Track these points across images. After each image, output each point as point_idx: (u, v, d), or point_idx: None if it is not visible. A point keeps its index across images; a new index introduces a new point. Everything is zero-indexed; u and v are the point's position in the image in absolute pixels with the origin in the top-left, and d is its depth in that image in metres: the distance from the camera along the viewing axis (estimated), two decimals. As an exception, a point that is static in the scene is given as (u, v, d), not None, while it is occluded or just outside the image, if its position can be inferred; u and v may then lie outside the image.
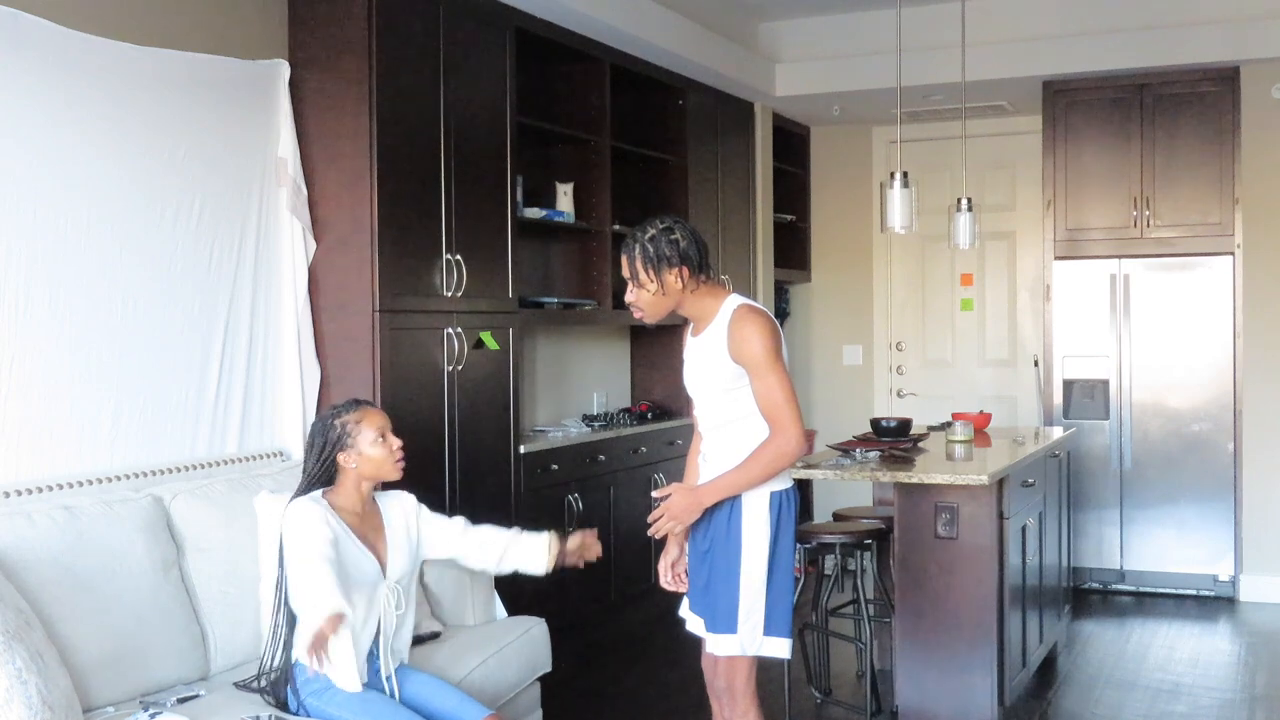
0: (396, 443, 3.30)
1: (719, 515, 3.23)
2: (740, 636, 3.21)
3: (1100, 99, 6.81)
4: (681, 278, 3.17)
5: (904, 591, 4.36)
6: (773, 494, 3.22)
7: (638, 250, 3.17)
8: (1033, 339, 7.74)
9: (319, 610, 2.92)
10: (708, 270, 3.24)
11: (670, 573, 3.51)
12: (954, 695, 4.29)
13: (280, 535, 3.21)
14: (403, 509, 3.42)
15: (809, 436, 3.35)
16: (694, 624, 3.39)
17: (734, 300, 3.23)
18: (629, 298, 3.25)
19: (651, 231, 3.18)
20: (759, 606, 3.20)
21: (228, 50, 4.19)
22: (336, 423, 3.25)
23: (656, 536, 3.27)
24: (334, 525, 3.18)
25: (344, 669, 3.11)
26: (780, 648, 3.25)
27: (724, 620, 3.22)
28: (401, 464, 3.31)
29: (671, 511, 3.21)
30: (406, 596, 3.33)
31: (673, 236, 3.17)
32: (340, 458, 3.25)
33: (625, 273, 3.23)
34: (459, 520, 3.50)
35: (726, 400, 3.21)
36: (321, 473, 3.27)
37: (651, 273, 3.17)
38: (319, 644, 2.88)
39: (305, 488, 3.28)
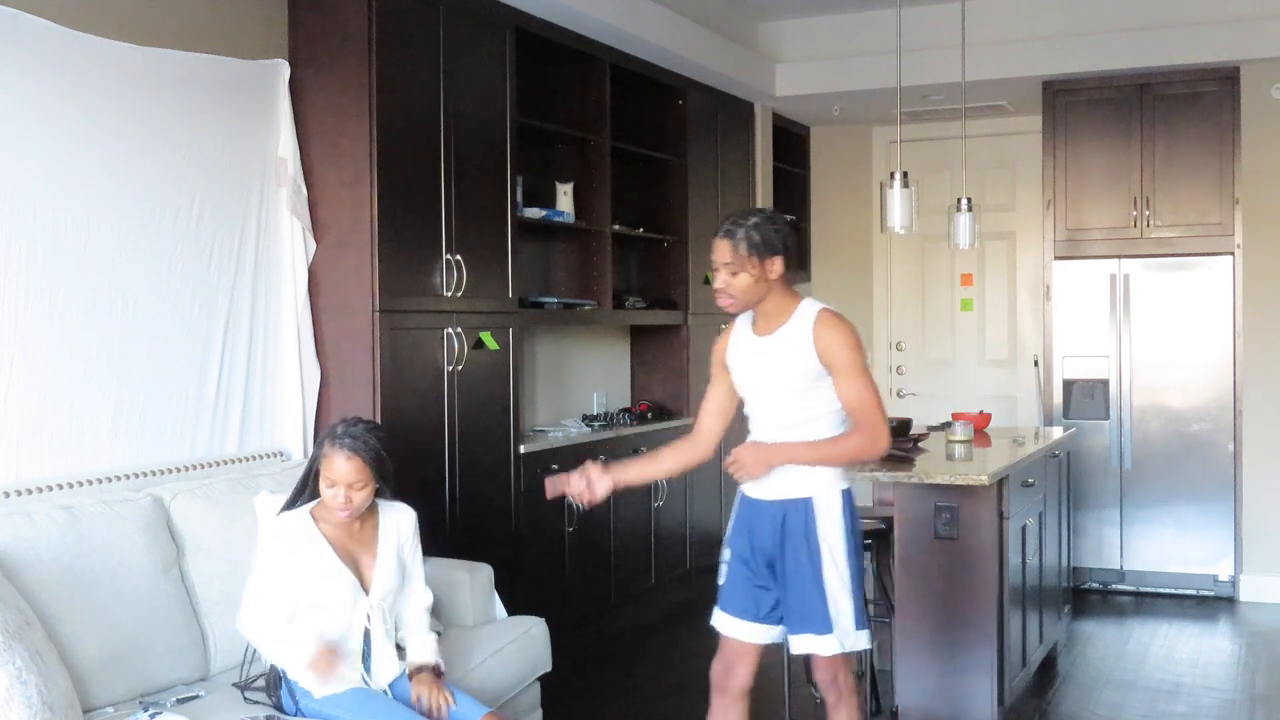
0: (341, 498, 3.18)
1: (792, 519, 3.26)
2: (838, 635, 3.26)
3: (1100, 99, 6.81)
4: (780, 267, 3.24)
5: (904, 591, 4.36)
6: (843, 492, 3.30)
7: (742, 234, 3.21)
8: (1033, 339, 7.74)
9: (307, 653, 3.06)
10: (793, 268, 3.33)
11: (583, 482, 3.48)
12: (954, 695, 4.29)
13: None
14: (399, 526, 3.37)
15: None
16: (734, 629, 3.38)
17: (814, 303, 3.28)
18: (719, 284, 3.26)
19: (755, 219, 3.24)
20: (848, 603, 3.25)
21: (228, 50, 4.18)
22: (324, 442, 3.23)
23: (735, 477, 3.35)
24: (310, 544, 3.19)
25: (312, 680, 3.14)
26: (864, 639, 3.32)
27: (819, 622, 3.25)
28: (343, 514, 3.21)
29: (740, 460, 3.27)
30: (393, 613, 3.32)
31: (775, 226, 3.25)
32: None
33: (723, 257, 3.23)
34: (421, 578, 3.41)
35: (800, 401, 3.24)
36: (308, 489, 3.28)
37: (755, 258, 3.20)
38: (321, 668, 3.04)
39: (292, 501, 3.30)
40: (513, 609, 4.27)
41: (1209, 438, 6.63)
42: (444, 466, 4.69)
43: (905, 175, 5.08)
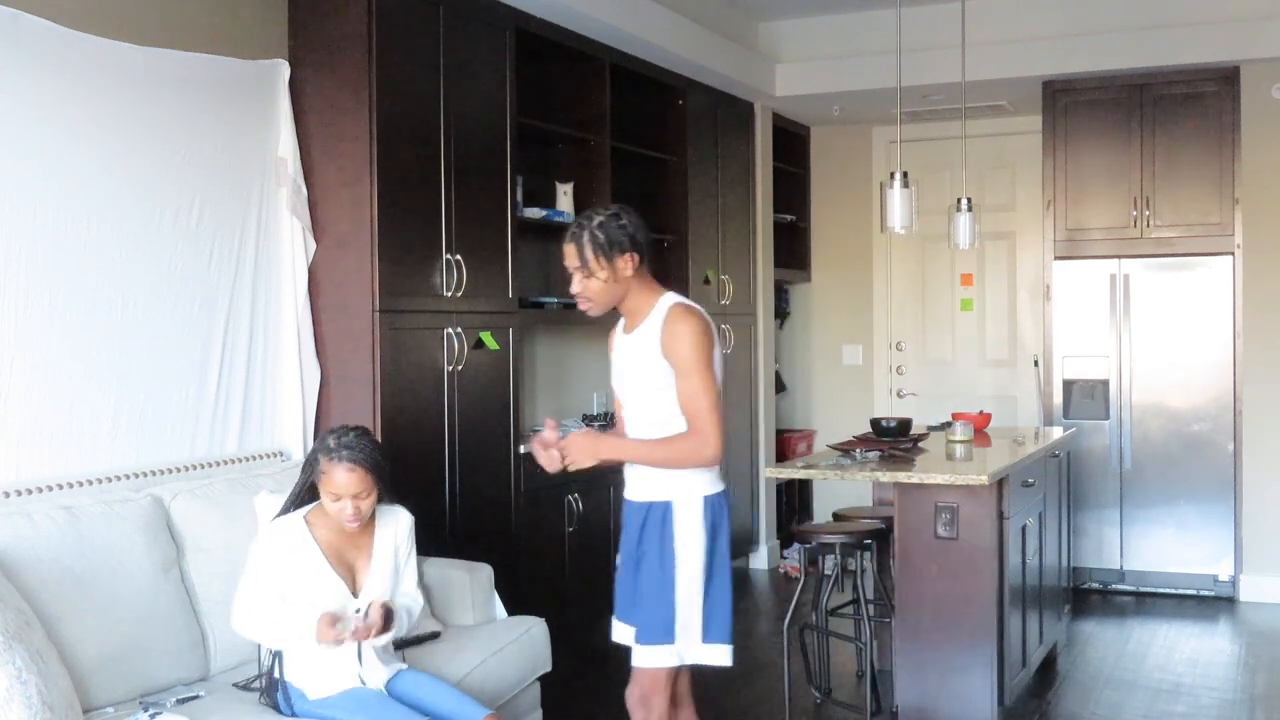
0: (349, 510, 3.15)
1: (651, 522, 3.14)
2: (677, 646, 3.12)
3: (1100, 99, 6.81)
4: (632, 264, 3.15)
5: (904, 591, 4.36)
6: (706, 498, 3.13)
7: (587, 237, 3.13)
8: (1033, 339, 7.74)
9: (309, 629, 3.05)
10: (648, 261, 3.21)
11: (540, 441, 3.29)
12: (954, 695, 4.29)
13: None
14: (395, 530, 3.35)
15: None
16: (623, 634, 3.29)
17: (671, 297, 3.19)
18: (575, 288, 3.19)
19: (599, 218, 3.15)
20: (696, 615, 3.11)
21: (228, 50, 4.19)
22: (319, 456, 3.17)
23: (548, 469, 3.20)
24: (303, 549, 3.17)
25: (313, 680, 3.15)
26: (721, 655, 3.15)
27: (659, 631, 3.12)
28: (353, 525, 3.17)
29: (567, 447, 3.16)
30: None
31: (621, 222, 3.15)
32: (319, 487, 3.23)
33: (572, 262, 3.16)
34: (412, 582, 3.40)
35: (660, 399, 3.14)
36: (304, 495, 3.26)
37: (603, 259, 3.12)
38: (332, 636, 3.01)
39: (288, 506, 3.29)
40: (513, 609, 4.27)
41: (1209, 438, 6.63)
42: (444, 466, 4.69)
43: (905, 175, 5.08)
